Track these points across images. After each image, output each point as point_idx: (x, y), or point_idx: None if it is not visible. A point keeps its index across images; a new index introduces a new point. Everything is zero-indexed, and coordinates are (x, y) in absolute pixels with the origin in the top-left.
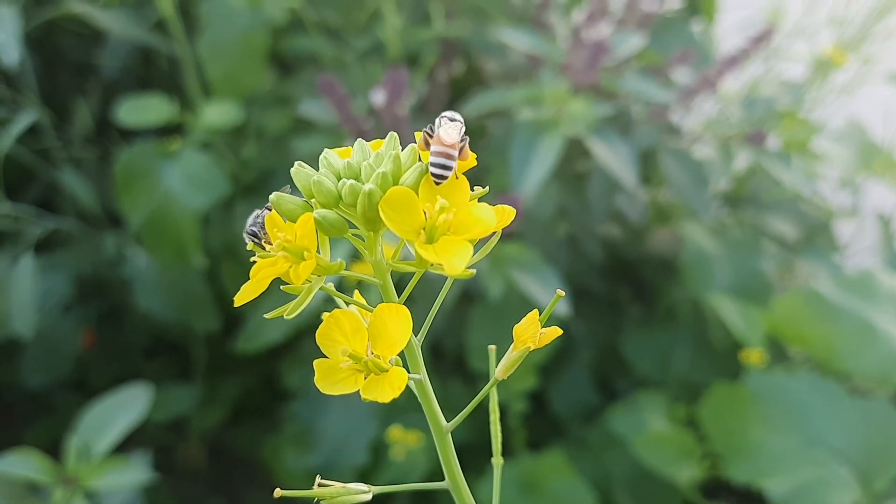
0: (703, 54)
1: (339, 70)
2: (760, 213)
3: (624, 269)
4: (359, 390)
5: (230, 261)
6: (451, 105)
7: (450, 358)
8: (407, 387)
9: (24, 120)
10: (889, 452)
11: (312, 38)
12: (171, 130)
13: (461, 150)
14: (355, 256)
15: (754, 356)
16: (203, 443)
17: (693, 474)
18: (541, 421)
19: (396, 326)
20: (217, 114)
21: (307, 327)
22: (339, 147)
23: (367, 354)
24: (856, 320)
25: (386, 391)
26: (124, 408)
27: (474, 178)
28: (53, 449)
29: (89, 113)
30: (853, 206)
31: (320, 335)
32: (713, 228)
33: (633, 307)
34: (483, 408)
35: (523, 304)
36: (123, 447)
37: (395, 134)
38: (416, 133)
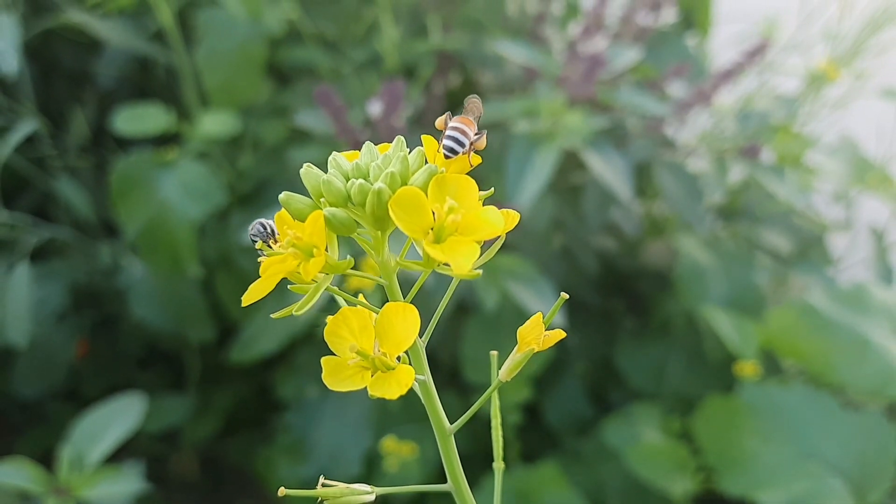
0: (697, 68)
1: (337, 81)
2: (754, 226)
3: (618, 282)
4: (366, 387)
5: (225, 271)
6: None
7: (444, 369)
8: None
9: (21, 129)
10: (882, 465)
11: (310, 49)
12: (167, 140)
13: (477, 134)
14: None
15: (748, 369)
16: (196, 453)
17: (687, 487)
18: (535, 433)
19: (403, 325)
20: (214, 124)
21: (301, 338)
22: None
23: (374, 352)
24: (849, 334)
25: (393, 388)
26: (118, 417)
27: None
28: (45, 459)
29: (86, 122)
30: (847, 219)
31: (328, 332)
32: (707, 241)
33: (627, 319)
34: (476, 417)
35: (518, 316)
36: (116, 457)
37: (402, 137)
38: (438, 119)
